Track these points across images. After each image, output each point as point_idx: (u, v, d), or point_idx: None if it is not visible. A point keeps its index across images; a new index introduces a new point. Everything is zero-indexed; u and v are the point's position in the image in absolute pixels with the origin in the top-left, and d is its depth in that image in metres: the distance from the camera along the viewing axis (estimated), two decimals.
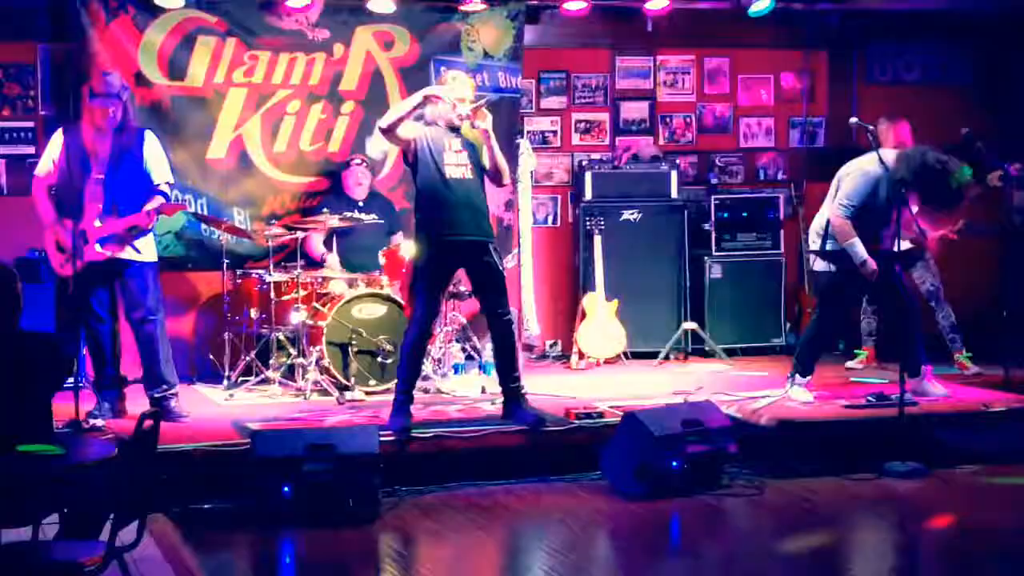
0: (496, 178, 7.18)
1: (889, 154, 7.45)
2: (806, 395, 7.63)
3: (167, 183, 7.29)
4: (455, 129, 7.08)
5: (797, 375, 7.70)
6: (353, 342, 8.01)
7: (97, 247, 7.05)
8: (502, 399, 7.29)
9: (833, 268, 7.61)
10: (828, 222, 7.58)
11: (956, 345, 8.83)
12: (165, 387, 7.24)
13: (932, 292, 8.77)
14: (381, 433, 6.53)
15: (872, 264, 7.39)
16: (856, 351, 9.29)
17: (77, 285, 6.97)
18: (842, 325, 8.43)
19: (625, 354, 9.48)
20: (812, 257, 7.84)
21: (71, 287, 6.98)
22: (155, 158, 7.25)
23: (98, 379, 7.31)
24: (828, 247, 7.59)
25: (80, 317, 7.18)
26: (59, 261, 7.11)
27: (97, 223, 7.05)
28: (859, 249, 7.38)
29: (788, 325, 9.99)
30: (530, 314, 9.33)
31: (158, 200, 7.13)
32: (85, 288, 7.10)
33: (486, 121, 6.99)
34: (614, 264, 9.44)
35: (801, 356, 7.77)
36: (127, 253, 7.12)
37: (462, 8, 9.13)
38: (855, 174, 7.51)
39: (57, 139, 7.21)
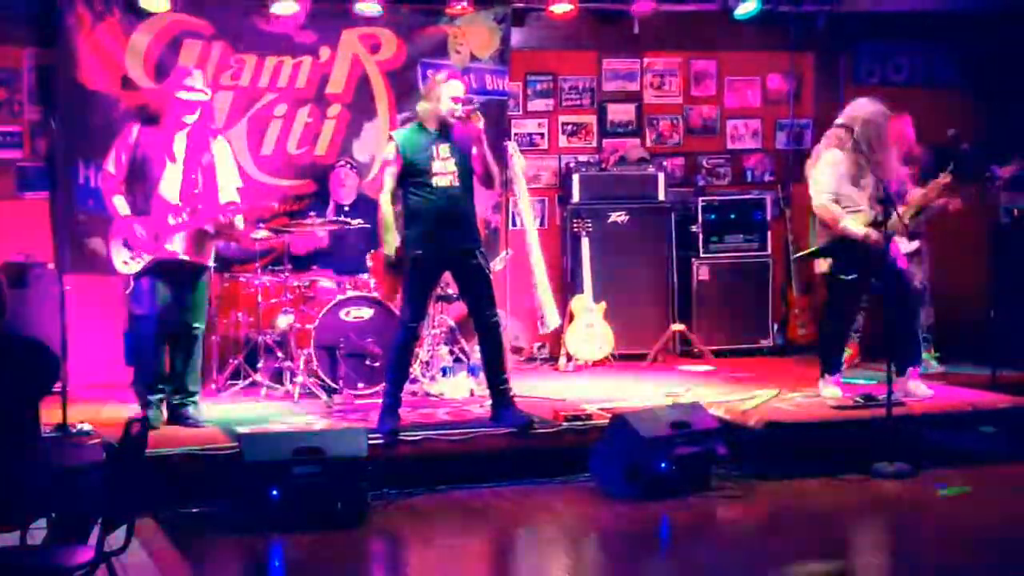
0: (487, 181, 7.16)
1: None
2: (835, 391, 7.67)
3: (236, 188, 7.26)
4: (443, 134, 7.04)
5: (826, 374, 7.74)
6: (341, 345, 8.00)
7: (168, 246, 6.97)
8: (490, 401, 7.28)
9: (830, 263, 7.64)
10: (815, 220, 7.62)
11: (926, 345, 8.88)
12: (183, 395, 7.20)
13: (919, 290, 8.78)
14: (369, 436, 6.52)
15: (874, 233, 7.34)
16: None
17: (142, 283, 6.94)
18: (853, 317, 8.35)
19: (613, 356, 9.48)
20: (816, 263, 7.90)
21: (132, 286, 6.96)
22: (226, 162, 7.23)
23: (142, 380, 7.16)
24: (821, 243, 7.62)
25: (146, 317, 7.05)
26: (126, 258, 6.99)
27: (171, 220, 6.97)
28: (853, 227, 7.39)
29: (776, 326, 10.01)
30: (548, 309, 9.17)
31: (235, 207, 7.09)
32: (152, 286, 6.99)
33: (479, 123, 6.98)
34: (602, 266, 9.44)
35: (823, 354, 7.84)
36: (199, 256, 7.09)
37: (449, 11, 9.13)
38: (821, 165, 7.57)
39: (129, 135, 7.07)
